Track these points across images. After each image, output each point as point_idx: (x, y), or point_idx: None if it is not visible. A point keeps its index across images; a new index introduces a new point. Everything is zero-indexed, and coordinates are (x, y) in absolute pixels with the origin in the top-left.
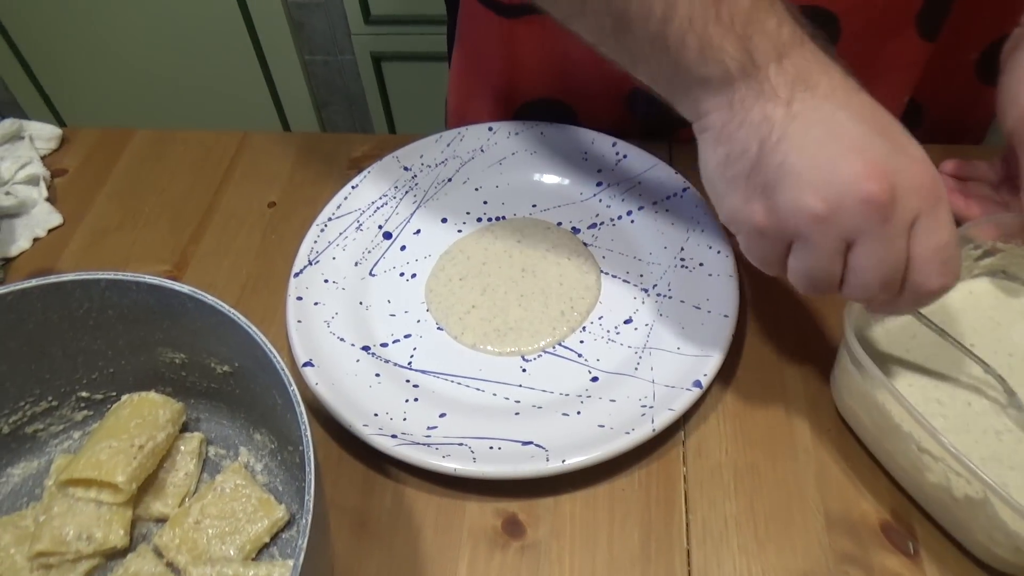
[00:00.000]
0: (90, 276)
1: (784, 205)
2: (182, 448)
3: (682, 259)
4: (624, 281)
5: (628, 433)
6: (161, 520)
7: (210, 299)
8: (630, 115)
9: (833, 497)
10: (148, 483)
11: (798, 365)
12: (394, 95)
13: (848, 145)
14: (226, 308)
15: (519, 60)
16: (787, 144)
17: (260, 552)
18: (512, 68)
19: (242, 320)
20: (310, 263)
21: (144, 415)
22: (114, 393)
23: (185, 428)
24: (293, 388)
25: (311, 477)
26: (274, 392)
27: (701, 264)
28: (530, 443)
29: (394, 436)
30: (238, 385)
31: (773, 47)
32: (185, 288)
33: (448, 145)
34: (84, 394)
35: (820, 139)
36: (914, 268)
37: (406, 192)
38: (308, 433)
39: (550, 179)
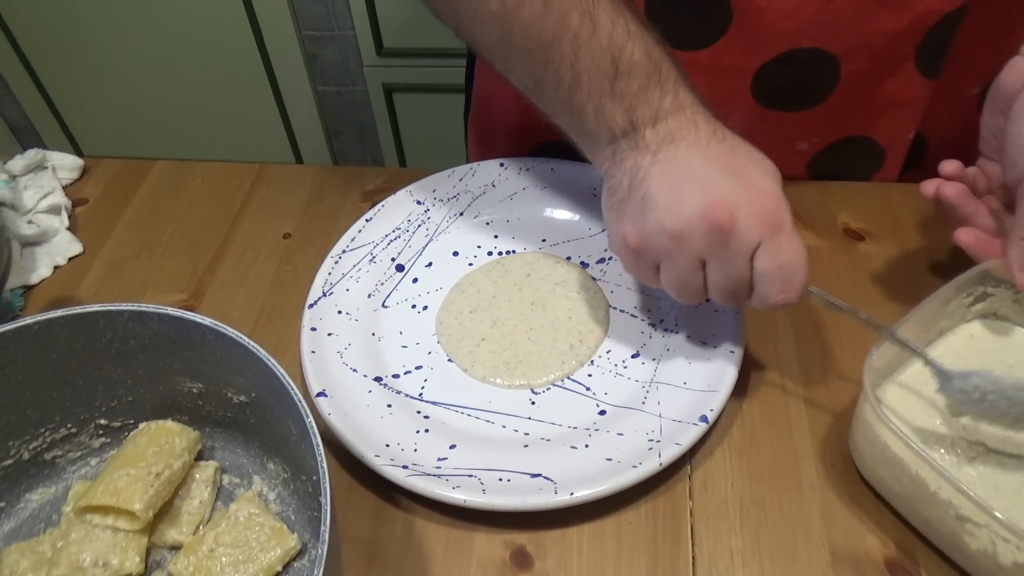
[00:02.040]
0: (114, 308)
1: (648, 227)
2: (197, 476)
3: None
4: (632, 316)
5: (635, 467)
6: (175, 547)
7: (229, 331)
8: None
9: (838, 532)
10: (163, 511)
11: (803, 400)
12: (405, 126)
13: (698, 182)
14: (245, 340)
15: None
16: (649, 181)
17: None
18: (527, 108)
19: (260, 352)
20: (324, 294)
21: (161, 443)
22: (132, 421)
23: (200, 456)
24: (310, 419)
25: (327, 507)
26: (289, 422)
27: (708, 300)
28: (539, 475)
29: (405, 467)
30: (254, 415)
31: (652, 115)
32: (205, 320)
33: (460, 180)
34: (103, 421)
35: (676, 177)
36: (758, 282)
37: (419, 225)
38: (324, 464)
39: (560, 214)
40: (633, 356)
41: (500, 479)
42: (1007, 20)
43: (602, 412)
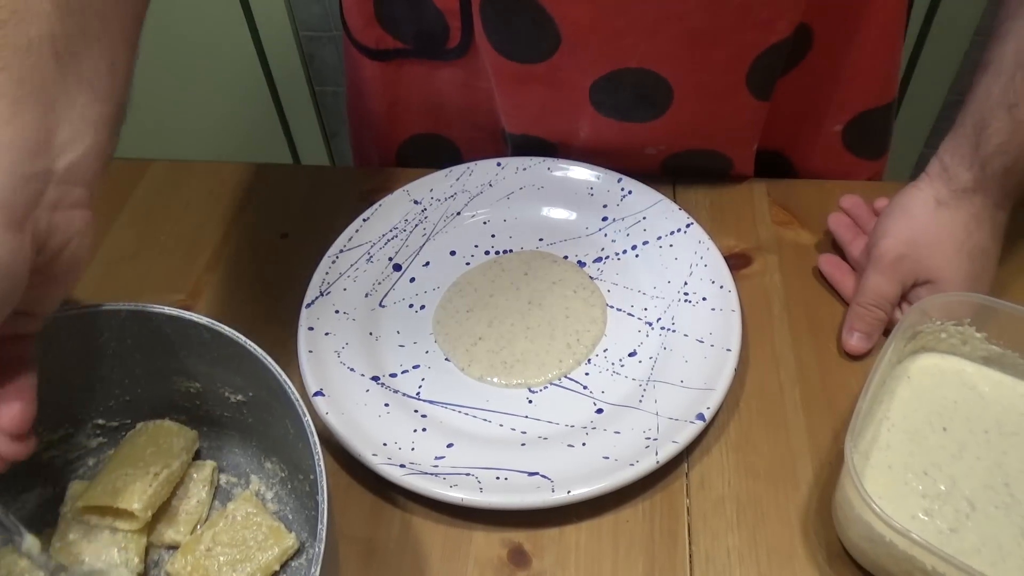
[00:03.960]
0: (111, 307)
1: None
2: (195, 476)
3: (685, 293)
4: (629, 314)
5: (632, 465)
6: (173, 547)
7: (227, 330)
8: (506, 148)
9: (833, 527)
10: (161, 510)
11: (799, 398)
12: None
13: None
14: (242, 339)
15: (398, 98)
16: None
17: None
18: (392, 105)
19: (258, 351)
20: (321, 294)
21: (159, 443)
22: (128, 421)
23: (197, 456)
24: (307, 418)
25: (324, 506)
26: (287, 421)
27: (704, 299)
28: (536, 474)
29: (402, 466)
30: (251, 414)
31: None
32: (203, 319)
33: (457, 179)
34: (100, 421)
35: None
36: None
37: (416, 225)
38: (321, 463)
39: (557, 213)
40: (630, 355)
41: (497, 477)
42: (851, 50)
43: (599, 411)
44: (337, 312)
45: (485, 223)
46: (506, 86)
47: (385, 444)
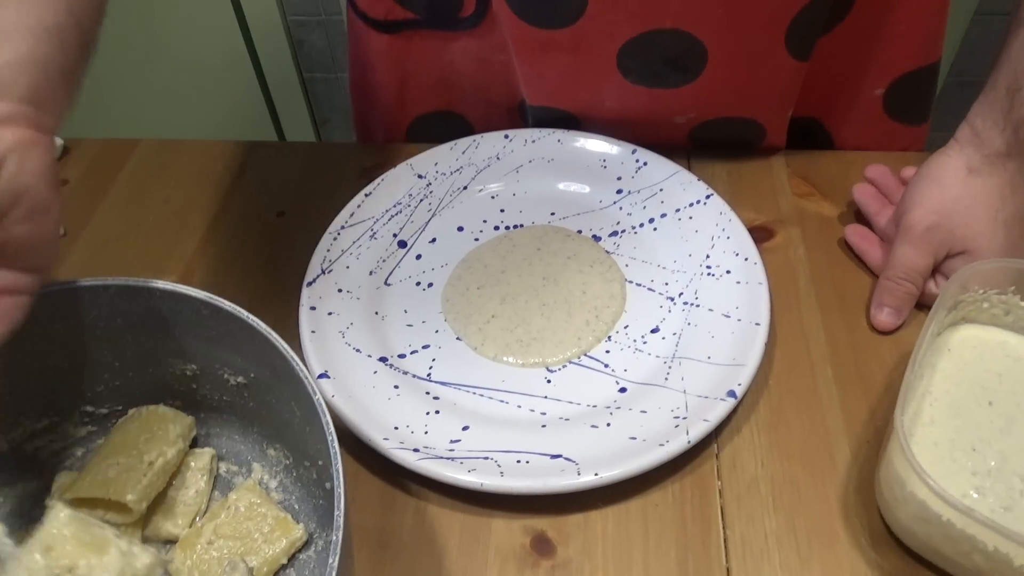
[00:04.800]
0: (98, 282)
1: None
2: (192, 465)
3: (708, 267)
4: (649, 289)
5: (662, 445)
6: (171, 541)
7: (226, 304)
8: (523, 125)
9: (875, 507)
10: (156, 502)
11: (831, 375)
12: None
13: None
14: (243, 313)
15: (408, 73)
16: None
17: (277, 574)
18: (401, 81)
19: (261, 326)
20: (323, 272)
21: (153, 430)
22: (120, 407)
23: (195, 444)
24: (318, 396)
25: (340, 490)
26: (292, 403)
27: (728, 272)
28: (559, 456)
29: (416, 450)
30: (252, 398)
31: None
32: (199, 293)
33: (463, 152)
34: (88, 408)
35: None
36: None
37: (420, 200)
38: (336, 444)
39: (568, 187)
40: (652, 331)
41: (518, 461)
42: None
43: (622, 390)
44: (340, 291)
45: (493, 197)
46: (527, 54)
47: (396, 428)
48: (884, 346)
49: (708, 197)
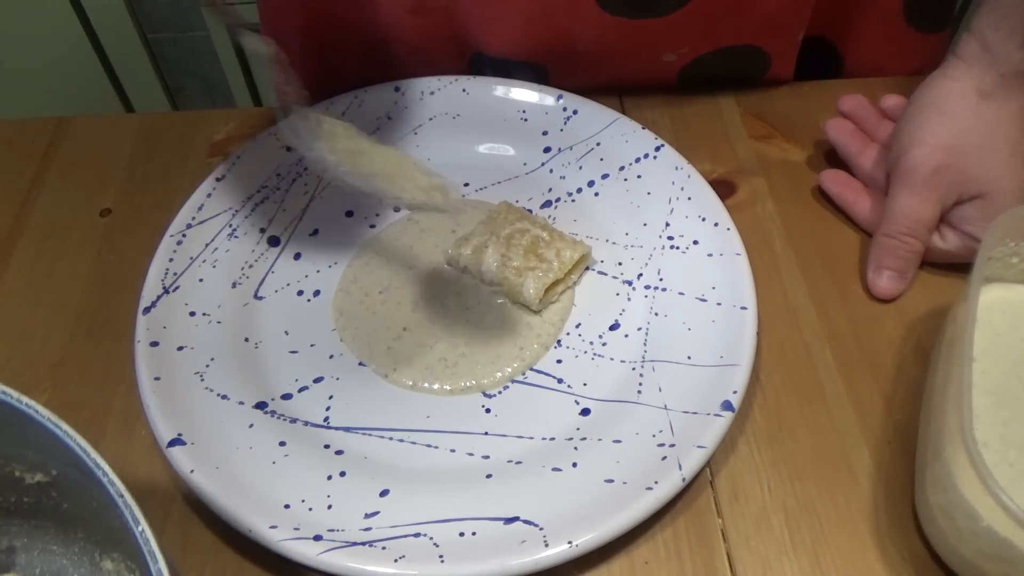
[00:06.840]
0: None
1: None
2: None
3: (670, 237)
4: (600, 273)
5: (650, 488)
6: None
7: None
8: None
9: (914, 530)
10: None
11: (831, 360)
12: (261, 72)
13: None
14: (13, 396)
15: (326, 44)
16: None
17: None
18: (320, 54)
19: (41, 414)
20: (166, 291)
21: None
22: None
23: None
24: (131, 506)
25: None
26: (120, 501)
27: (696, 242)
28: (515, 519)
29: (318, 537)
30: (63, 497)
31: None
32: None
33: (343, 114)
34: None
35: None
36: None
37: (293, 180)
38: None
39: (484, 148)
40: (612, 328)
41: (461, 534)
42: None
43: (585, 411)
44: (193, 315)
45: None
46: None
47: (288, 506)
48: (888, 317)
49: (658, 149)
